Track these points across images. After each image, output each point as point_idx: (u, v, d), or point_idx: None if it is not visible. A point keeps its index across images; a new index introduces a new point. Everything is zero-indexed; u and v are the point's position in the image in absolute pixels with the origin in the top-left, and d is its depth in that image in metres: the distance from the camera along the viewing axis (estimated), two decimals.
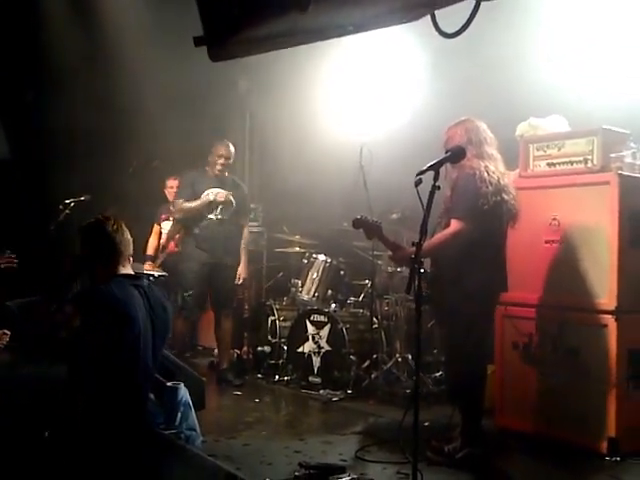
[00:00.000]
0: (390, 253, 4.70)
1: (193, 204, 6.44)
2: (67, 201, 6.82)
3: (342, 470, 4.15)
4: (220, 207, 6.46)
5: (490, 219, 4.32)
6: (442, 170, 3.76)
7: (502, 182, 4.37)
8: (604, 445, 4.53)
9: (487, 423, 4.78)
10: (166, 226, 7.39)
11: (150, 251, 7.30)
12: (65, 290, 3.43)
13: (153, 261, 7.11)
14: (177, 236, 7.15)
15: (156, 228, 7.44)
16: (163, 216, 7.47)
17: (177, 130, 7.69)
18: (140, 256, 7.16)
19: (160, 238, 7.39)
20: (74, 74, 7.64)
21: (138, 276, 3.51)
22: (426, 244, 4.14)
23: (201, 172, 6.59)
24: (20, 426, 3.16)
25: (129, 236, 3.48)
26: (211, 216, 6.46)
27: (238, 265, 6.67)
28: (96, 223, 3.47)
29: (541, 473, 4.43)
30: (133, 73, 7.68)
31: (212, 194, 6.42)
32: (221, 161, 6.49)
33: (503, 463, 4.55)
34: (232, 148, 6.59)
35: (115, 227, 3.43)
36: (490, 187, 4.25)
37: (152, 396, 4.00)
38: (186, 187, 6.57)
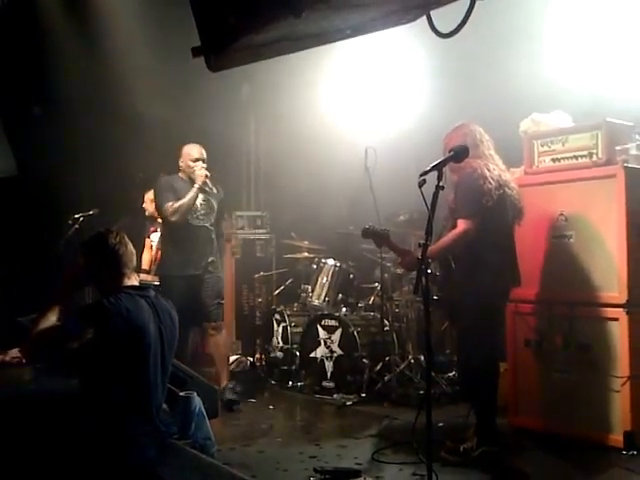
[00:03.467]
0: (399, 259, 4.73)
1: (185, 199, 5.85)
2: (76, 216, 6.85)
3: (357, 474, 4.16)
4: (203, 206, 6.00)
5: (496, 215, 4.36)
6: (445, 171, 3.77)
7: (503, 177, 4.44)
8: (620, 439, 4.52)
9: (501, 421, 4.78)
10: (155, 238, 7.37)
11: (145, 265, 7.25)
12: (68, 300, 3.43)
13: (148, 274, 7.09)
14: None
15: (147, 242, 7.42)
16: (152, 229, 7.43)
17: (182, 140, 7.72)
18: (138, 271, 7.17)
19: (151, 251, 7.37)
20: (80, 89, 7.68)
21: (144, 287, 3.51)
22: (435, 246, 4.19)
23: (175, 178, 6.04)
24: (37, 441, 3.16)
25: (132, 248, 3.46)
26: (193, 222, 5.95)
27: (219, 272, 6.18)
28: (98, 236, 3.44)
29: (557, 470, 4.41)
30: (138, 86, 7.71)
31: (199, 181, 5.88)
32: (199, 165, 5.95)
33: (519, 461, 4.54)
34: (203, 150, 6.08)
35: (118, 239, 3.41)
36: (492, 183, 4.31)
37: (165, 406, 4.01)
38: (166, 191, 5.95)
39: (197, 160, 5.97)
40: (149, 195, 7.44)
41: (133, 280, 3.43)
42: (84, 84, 7.72)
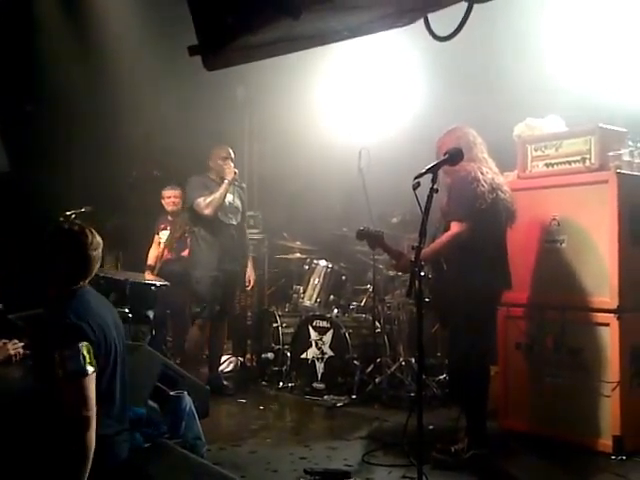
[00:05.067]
0: (394, 262, 4.72)
1: (217, 194, 6.25)
2: (68, 213, 6.82)
3: (347, 475, 4.16)
4: (231, 204, 6.42)
5: (488, 218, 4.36)
6: (438, 173, 3.77)
7: (496, 181, 4.44)
8: (609, 444, 4.53)
9: (491, 424, 4.78)
10: (164, 236, 7.42)
11: (150, 261, 7.34)
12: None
13: (152, 271, 7.12)
14: (184, 236, 7.18)
15: (156, 238, 7.48)
16: (161, 226, 7.50)
17: (176, 139, 7.71)
18: (142, 266, 7.19)
19: (159, 248, 7.41)
20: (73, 85, 7.66)
21: (86, 285, 3.25)
22: (428, 249, 4.20)
23: (205, 177, 6.46)
24: (23, 440, 3.12)
25: (100, 252, 3.25)
26: (223, 220, 6.36)
27: (243, 270, 6.66)
28: (74, 234, 3.17)
29: (547, 473, 4.42)
30: (132, 84, 7.70)
31: (229, 176, 6.29)
32: (228, 162, 6.37)
33: (509, 464, 4.54)
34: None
35: (95, 242, 3.19)
36: (485, 186, 4.31)
37: (156, 406, 3.99)
38: (200, 187, 6.38)
39: (226, 158, 6.39)
40: (166, 192, 7.49)
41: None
42: (78, 81, 7.70)
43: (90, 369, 2.92)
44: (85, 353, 2.92)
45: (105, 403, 3.10)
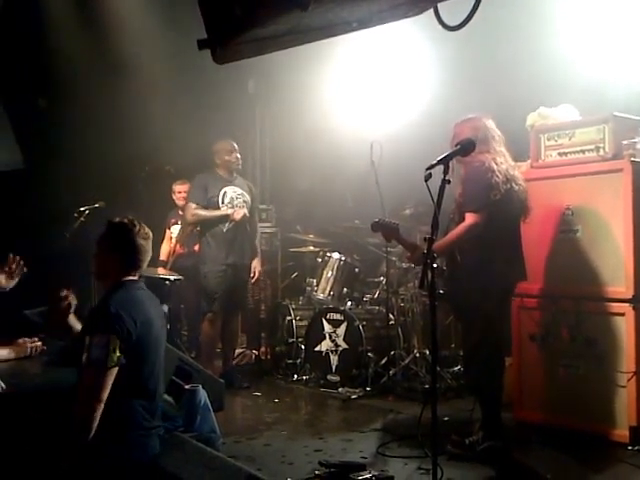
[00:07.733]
0: (408, 254, 4.70)
1: (208, 214, 6.36)
2: (82, 208, 6.86)
3: (362, 467, 4.15)
4: (238, 200, 6.45)
5: (503, 209, 4.33)
6: (452, 164, 3.75)
7: (511, 172, 4.39)
8: (625, 434, 4.51)
9: (506, 416, 4.76)
10: (175, 230, 7.45)
11: (163, 256, 7.37)
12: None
13: (165, 266, 7.15)
14: (192, 232, 7.19)
15: (167, 233, 7.50)
16: (172, 220, 7.54)
17: (188, 133, 7.72)
18: (155, 261, 7.21)
19: (171, 243, 7.44)
20: (86, 82, 7.69)
21: (139, 280, 3.40)
22: (442, 241, 4.18)
23: (212, 174, 6.49)
24: (40, 434, 3.15)
25: (149, 243, 3.39)
26: (227, 224, 6.36)
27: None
28: (126, 228, 3.29)
29: (562, 464, 4.39)
30: (144, 78, 7.71)
31: (230, 209, 6.35)
32: (235, 155, 6.48)
33: (524, 455, 4.52)
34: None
35: (145, 235, 3.33)
36: (500, 177, 4.28)
37: (171, 399, 4.00)
38: (199, 190, 6.44)
39: (231, 152, 6.52)
40: (177, 187, 7.54)
41: (135, 275, 3.37)
42: (91, 77, 7.72)
43: (110, 363, 2.97)
44: (112, 346, 2.98)
45: (146, 398, 3.19)
